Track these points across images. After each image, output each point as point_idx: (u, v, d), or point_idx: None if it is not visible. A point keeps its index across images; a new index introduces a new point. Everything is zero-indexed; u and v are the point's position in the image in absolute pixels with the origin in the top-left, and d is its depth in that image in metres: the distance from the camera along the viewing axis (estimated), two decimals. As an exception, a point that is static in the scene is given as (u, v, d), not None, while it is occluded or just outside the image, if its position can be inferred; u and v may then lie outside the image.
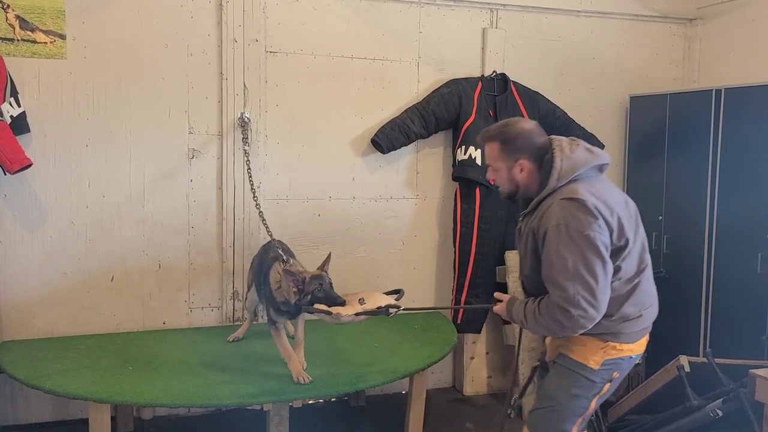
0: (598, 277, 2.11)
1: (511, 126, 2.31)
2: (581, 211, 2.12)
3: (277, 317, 2.92)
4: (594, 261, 2.10)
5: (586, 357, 2.26)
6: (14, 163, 3.09)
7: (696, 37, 4.43)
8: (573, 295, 2.10)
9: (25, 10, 3.29)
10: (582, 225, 2.10)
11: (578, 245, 2.10)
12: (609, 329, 2.22)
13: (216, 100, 3.60)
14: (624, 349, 2.25)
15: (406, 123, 3.82)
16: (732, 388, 2.97)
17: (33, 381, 2.82)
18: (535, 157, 2.25)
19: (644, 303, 2.27)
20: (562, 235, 2.12)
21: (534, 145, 2.26)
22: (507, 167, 2.30)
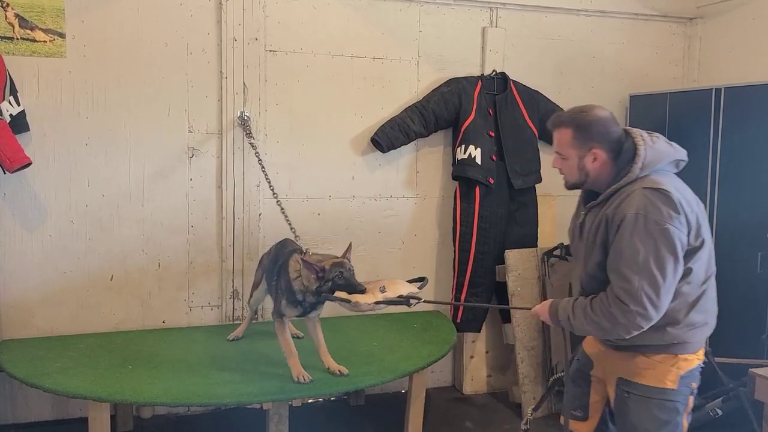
0: (666, 275, 1.98)
1: (586, 112, 2.17)
2: (664, 203, 1.99)
3: (288, 310, 2.88)
4: (667, 258, 1.97)
5: (661, 379, 2.11)
6: (13, 162, 3.09)
7: (696, 36, 4.43)
8: (636, 289, 1.97)
9: (25, 8, 3.28)
10: (662, 218, 1.97)
11: (654, 238, 1.97)
12: (676, 338, 2.08)
13: (215, 99, 3.59)
14: (693, 359, 2.13)
15: (405, 122, 3.82)
16: (732, 387, 2.97)
17: (33, 380, 2.81)
18: (609, 147, 2.12)
19: (709, 311, 2.15)
20: (640, 225, 1.98)
21: (609, 134, 2.13)
22: (578, 156, 2.16)
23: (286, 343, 2.91)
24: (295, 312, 2.90)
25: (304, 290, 2.81)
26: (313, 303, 2.85)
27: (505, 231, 3.99)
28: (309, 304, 2.86)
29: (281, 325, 2.91)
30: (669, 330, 2.07)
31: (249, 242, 3.69)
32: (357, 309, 2.60)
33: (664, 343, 2.09)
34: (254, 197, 3.68)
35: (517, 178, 3.95)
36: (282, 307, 2.90)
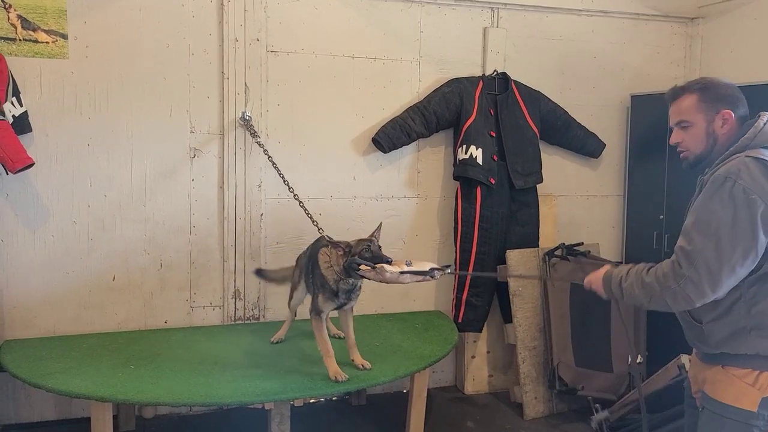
0: (736, 249, 1.77)
1: (709, 78, 2.03)
2: (762, 173, 1.79)
3: (325, 305, 2.92)
4: (744, 230, 1.77)
5: (739, 399, 1.88)
6: (16, 163, 3.10)
7: (697, 36, 4.43)
8: (696, 252, 1.79)
9: (27, 9, 3.29)
10: (753, 186, 1.77)
11: (735, 205, 1.77)
12: (760, 349, 1.85)
13: (217, 100, 3.60)
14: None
15: (407, 122, 3.82)
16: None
17: (35, 380, 2.82)
18: (738, 113, 1.95)
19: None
20: (725, 188, 1.79)
21: (738, 98, 1.97)
22: (706, 120, 1.97)
23: (323, 341, 2.93)
24: (331, 305, 2.94)
25: (336, 279, 2.87)
26: (347, 292, 2.91)
27: (506, 231, 3.99)
28: (344, 294, 2.91)
29: (319, 322, 2.93)
30: (755, 337, 1.84)
31: (251, 242, 3.69)
32: (382, 278, 2.63)
33: (748, 353, 1.87)
34: (256, 197, 3.68)
35: (518, 178, 3.95)
36: (319, 303, 2.93)
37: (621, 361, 3.84)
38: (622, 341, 3.87)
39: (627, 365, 3.84)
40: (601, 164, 4.40)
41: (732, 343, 1.90)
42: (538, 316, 3.91)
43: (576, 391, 3.72)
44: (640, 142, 4.28)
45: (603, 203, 4.44)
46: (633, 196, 4.37)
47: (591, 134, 4.26)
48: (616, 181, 4.45)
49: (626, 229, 4.44)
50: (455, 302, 3.99)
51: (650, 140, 4.17)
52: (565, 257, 3.93)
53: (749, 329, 1.86)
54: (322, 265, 2.94)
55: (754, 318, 1.86)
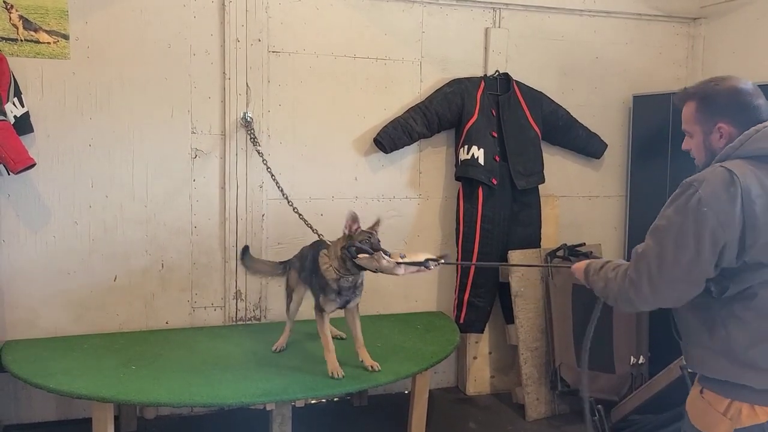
0: (680, 257, 1.68)
1: (716, 83, 1.83)
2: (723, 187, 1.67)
3: (327, 305, 2.96)
4: (684, 244, 1.68)
5: (711, 428, 1.76)
6: (18, 163, 3.10)
7: (699, 36, 4.42)
8: (643, 254, 1.76)
9: (29, 10, 3.29)
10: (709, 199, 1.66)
11: (686, 215, 1.69)
12: (729, 375, 1.73)
13: (219, 100, 3.60)
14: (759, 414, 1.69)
15: (408, 123, 3.82)
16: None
17: (36, 380, 2.82)
18: (740, 123, 1.76)
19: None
20: (685, 195, 1.71)
21: (743, 107, 1.76)
22: (704, 133, 1.83)
23: (324, 337, 2.98)
24: (333, 305, 2.98)
25: (336, 278, 2.91)
26: (349, 289, 2.94)
27: (507, 232, 3.99)
28: (346, 292, 2.95)
29: (321, 319, 2.98)
30: (725, 362, 1.73)
31: (252, 243, 3.69)
32: (378, 266, 2.67)
33: (719, 378, 1.76)
34: (257, 198, 3.68)
35: (520, 178, 3.95)
36: (321, 302, 2.98)
37: (623, 362, 3.83)
38: (624, 342, 3.87)
39: (629, 366, 3.83)
40: (603, 165, 4.39)
41: (704, 365, 1.81)
42: (540, 317, 3.91)
43: (578, 392, 3.71)
44: (642, 143, 4.27)
45: (605, 204, 4.43)
46: (635, 196, 4.36)
47: (593, 135, 4.25)
48: (618, 182, 4.44)
49: (628, 229, 4.43)
50: (457, 303, 3.98)
51: (652, 141, 4.16)
52: (567, 258, 3.92)
53: (719, 353, 1.75)
54: (322, 266, 2.97)
55: (724, 341, 1.74)
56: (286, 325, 3.31)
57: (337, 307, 3.00)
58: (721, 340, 1.74)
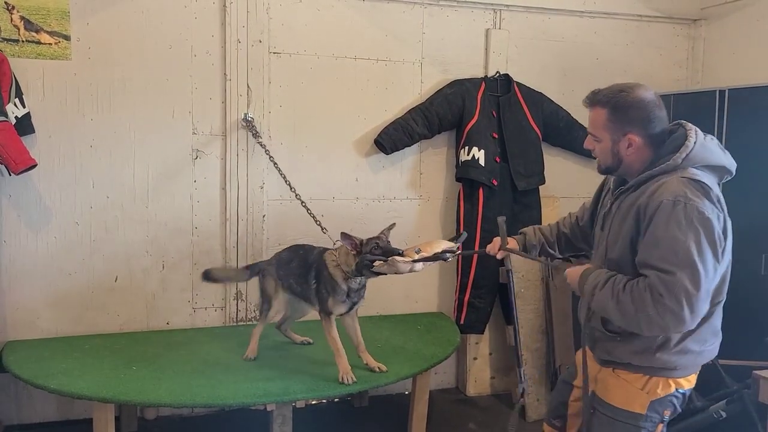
0: (708, 270, 1.74)
1: (626, 93, 1.95)
2: (704, 195, 1.78)
3: (336, 308, 2.91)
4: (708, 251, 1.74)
5: (629, 402, 1.95)
6: (19, 164, 3.10)
7: (700, 37, 4.42)
8: (676, 282, 1.73)
9: (30, 11, 3.30)
10: (704, 207, 1.76)
11: (696, 228, 1.74)
12: (661, 363, 1.91)
13: (219, 101, 3.61)
14: (672, 385, 1.94)
15: (409, 124, 3.82)
16: (736, 389, 2.97)
17: (37, 381, 2.83)
18: (647, 134, 1.91)
19: (707, 340, 1.94)
20: (679, 212, 1.76)
21: (650, 120, 1.91)
22: (612, 140, 1.95)
23: (334, 341, 2.92)
24: (343, 307, 2.93)
25: (346, 278, 2.87)
26: (357, 291, 2.91)
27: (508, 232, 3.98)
28: (354, 294, 2.92)
29: (329, 323, 2.92)
30: (657, 353, 1.91)
31: (253, 244, 3.70)
32: (396, 269, 2.65)
33: (643, 365, 1.94)
34: (258, 199, 3.69)
35: (520, 179, 3.95)
36: (330, 305, 2.92)
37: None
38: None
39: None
40: (604, 166, 4.39)
41: (636, 357, 1.93)
42: (540, 318, 3.91)
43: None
44: (643, 144, 4.27)
45: (605, 205, 4.43)
46: (635, 197, 4.35)
47: (593, 136, 4.25)
48: (619, 183, 4.44)
49: (629, 230, 4.42)
50: (457, 304, 3.98)
51: (653, 142, 4.16)
52: (567, 258, 3.91)
53: (656, 348, 1.90)
54: (330, 266, 2.92)
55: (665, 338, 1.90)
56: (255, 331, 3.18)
57: (347, 309, 2.96)
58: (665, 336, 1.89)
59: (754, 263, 3.45)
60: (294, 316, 3.35)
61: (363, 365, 3.01)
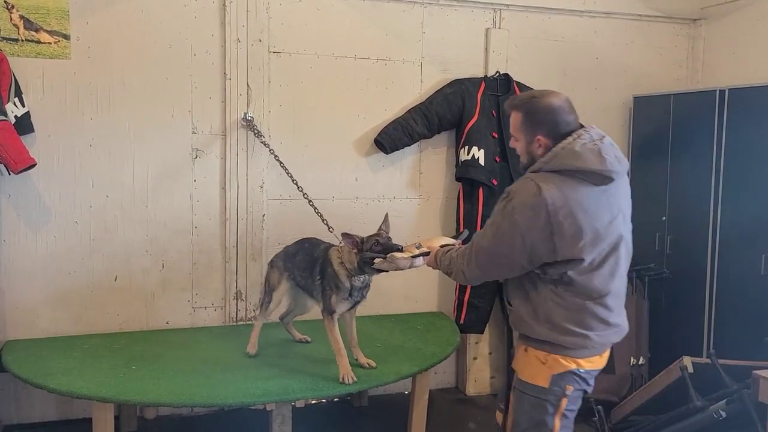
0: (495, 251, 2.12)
1: (537, 98, 2.20)
2: (532, 197, 2.03)
3: (339, 306, 2.92)
4: (502, 240, 2.09)
5: (534, 376, 2.17)
6: (18, 163, 3.10)
7: (700, 37, 4.42)
8: (471, 245, 2.20)
9: (30, 10, 3.29)
10: (518, 208, 2.05)
11: (504, 219, 2.09)
12: (548, 337, 2.12)
13: (219, 100, 3.60)
14: (570, 363, 2.13)
15: (409, 123, 3.82)
16: (735, 389, 2.97)
17: (37, 380, 2.83)
18: (554, 136, 2.12)
19: (593, 327, 2.12)
20: (503, 202, 2.12)
21: (558, 124, 2.13)
22: (526, 141, 2.18)
23: (335, 341, 2.92)
24: (346, 305, 2.95)
25: (349, 275, 2.88)
26: (360, 289, 2.93)
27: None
28: (357, 292, 2.92)
29: (331, 322, 2.93)
30: (544, 327, 2.13)
31: (253, 243, 3.69)
32: (396, 266, 2.68)
33: (540, 338, 2.15)
34: (258, 198, 3.69)
35: (520, 179, 3.94)
36: (333, 303, 2.92)
37: (623, 363, 3.83)
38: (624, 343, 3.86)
39: (629, 367, 3.83)
40: (604, 165, 4.39)
41: (532, 330, 2.16)
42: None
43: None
44: (643, 144, 4.27)
45: (605, 204, 4.43)
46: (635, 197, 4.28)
47: (593, 135, 4.25)
48: (619, 183, 4.44)
49: (628, 230, 4.42)
50: (457, 303, 3.98)
51: (652, 141, 4.17)
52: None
53: (542, 320, 2.13)
54: (334, 262, 2.93)
55: (546, 313, 2.12)
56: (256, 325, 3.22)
57: (350, 307, 2.97)
58: (546, 312, 2.12)
59: (754, 263, 3.45)
60: (296, 311, 3.38)
61: (353, 360, 3.01)
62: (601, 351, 2.19)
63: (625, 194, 2.24)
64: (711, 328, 3.74)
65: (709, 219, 3.70)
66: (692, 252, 3.82)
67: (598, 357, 2.19)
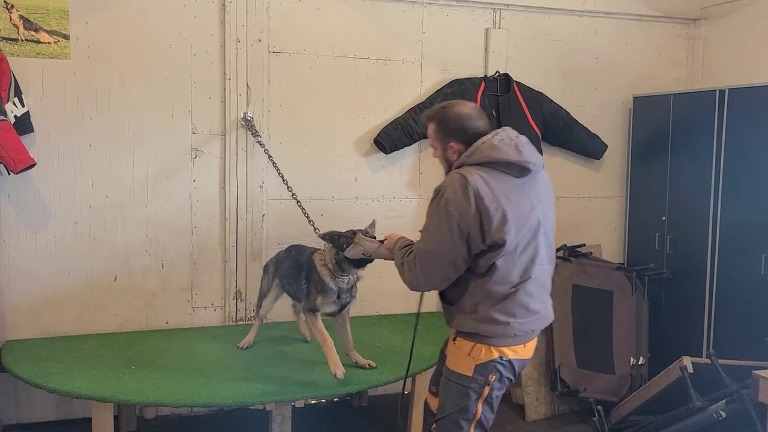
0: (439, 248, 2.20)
1: (446, 109, 2.36)
2: (461, 188, 2.16)
3: (324, 306, 2.93)
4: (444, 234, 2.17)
5: (459, 365, 2.30)
6: (18, 163, 3.10)
7: (700, 37, 4.42)
8: (419, 249, 2.27)
9: (29, 10, 3.29)
10: (452, 199, 2.16)
11: (439, 214, 2.19)
12: (474, 328, 2.24)
13: (219, 100, 3.60)
14: (494, 352, 2.25)
15: (408, 123, 3.82)
16: (735, 389, 2.97)
17: (37, 380, 2.82)
18: (466, 141, 2.29)
19: (516, 314, 2.23)
20: (435, 200, 2.22)
21: (466, 129, 2.30)
22: (441, 148, 2.35)
23: (320, 333, 2.93)
24: (333, 307, 2.95)
25: (333, 277, 2.89)
26: (347, 291, 2.93)
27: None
28: (344, 294, 2.93)
29: (313, 318, 2.94)
30: (471, 320, 2.25)
31: (252, 243, 3.69)
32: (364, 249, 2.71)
33: (465, 330, 2.27)
34: (257, 198, 3.68)
35: (520, 179, 3.94)
36: (317, 303, 2.93)
37: (623, 363, 3.83)
38: (624, 343, 3.87)
39: (629, 367, 3.83)
40: (603, 166, 4.39)
41: (458, 322, 2.29)
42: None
43: (578, 392, 3.71)
44: (642, 144, 4.27)
45: (605, 205, 4.43)
46: (635, 197, 4.37)
47: (593, 135, 4.25)
48: (618, 183, 4.44)
49: (628, 230, 4.43)
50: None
51: (652, 141, 4.17)
52: (567, 258, 3.92)
53: (469, 313, 2.25)
54: (318, 264, 2.95)
55: (474, 306, 2.24)
56: (255, 324, 3.33)
57: (336, 309, 2.97)
58: (473, 306, 2.24)
59: (754, 263, 3.45)
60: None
61: (353, 364, 3.00)
62: (525, 340, 2.30)
63: (545, 187, 2.36)
64: (711, 328, 3.74)
65: (709, 219, 3.70)
66: (692, 252, 3.82)
67: (522, 347, 2.30)
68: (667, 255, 4.01)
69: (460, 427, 2.32)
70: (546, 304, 2.36)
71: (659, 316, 4.05)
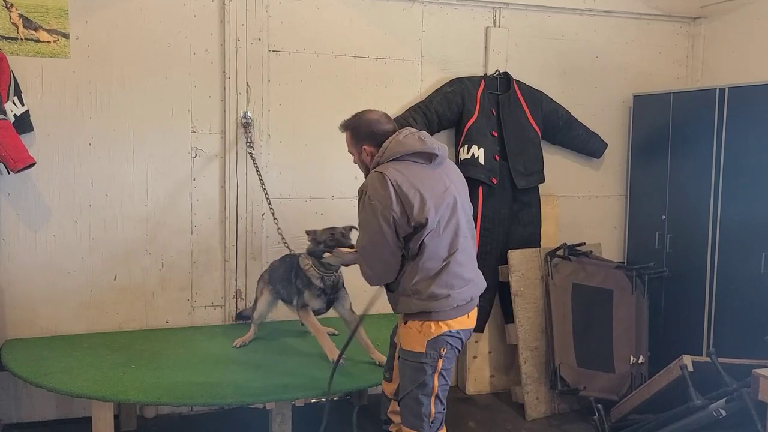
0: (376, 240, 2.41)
1: (357, 117, 2.62)
2: (379, 183, 2.40)
3: (312, 301, 3.11)
4: (374, 227, 2.39)
5: (412, 344, 2.49)
6: (18, 162, 3.10)
7: (700, 35, 4.42)
8: (361, 247, 2.51)
9: (29, 9, 3.29)
10: (374, 194, 2.40)
11: (367, 210, 2.42)
12: (421, 308, 2.44)
13: (219, 99, 3.60)
14: (442, 326, 2.45)
15: (408, 122, 3.81)
16: (735, 387, 2.96)
17: (37, 379, 2.83)
18: (376, 143, 2.53)
19: (453, 285, 2.45)
20: (362, 199, 2.46)
21: (375, 133, 2.54)
22: (357, 152, 2.61)
23: (312, 324, 3.11)
24: (319, 302, 3.12)
25: (318, 275, 3.08)
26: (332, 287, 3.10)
27: (508, 231, 3.99)
28: (330, 291, 3.09)
29: (305, 312, 3.11)
30: (415, 300, 2.45)
31: (252, 242, 3.69)
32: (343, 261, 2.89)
33: (412, 311, 2.47)
34: (257, 197, 3.68)
35: (520, 178, 3.95)
36: (305, 298, 3.11)
37: (623, 362, 3.83)
38: (624, 342, 3.87)
39: (629, 365, 3.83)
40: (603, 164, 4.39)
41: (407, 307, 2.47)
42: (540, 317, 3.91)
43: (578, 391, 3.71)
44: (642, 142, 4.27)
45: (605, 203, 4.43)
46: (635, 196, 4.37)
47: (593, 134, 4.25)
48: (618, 182, 4.44)
49: (628, 229, 4.43)
50: (457, 302, 3.98)
51: (652, 140, 4.17)
52: (567, 257, 3.92)
53: (411, 295, 2.45)
54: (304, 266, 3.12)
55: (414, 287, 2.44)
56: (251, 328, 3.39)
57: (325, 305, 3.12)
58: (413, 287, 2.44)
59: (754, 262, 3.45)
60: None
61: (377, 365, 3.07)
62: (468, 310, 2.52)
63: (455, 173, 2.60)
64: (711, 327, 3.74)
65: (708, 217, 3.70)
66: (692, 251, 3.82)
67: (466, 317, 2.52)
68: (667, 254, 4.01)
69: (420, 403, 2.49)
70: (477, 272, 2.60)
71: (659, 314, 4.05)
